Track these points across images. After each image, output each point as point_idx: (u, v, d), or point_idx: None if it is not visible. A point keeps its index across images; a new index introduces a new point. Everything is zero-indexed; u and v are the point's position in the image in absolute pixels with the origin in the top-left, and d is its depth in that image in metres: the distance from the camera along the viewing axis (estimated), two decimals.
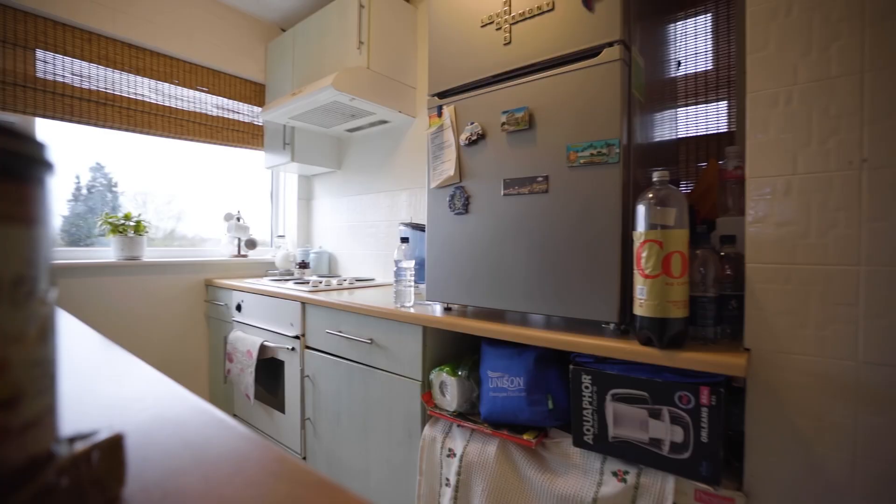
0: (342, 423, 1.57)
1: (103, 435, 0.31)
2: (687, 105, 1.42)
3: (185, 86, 2.22)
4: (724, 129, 1.35)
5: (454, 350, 1.40)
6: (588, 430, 0.98)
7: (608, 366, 0.95)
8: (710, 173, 1.16)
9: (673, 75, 1.38)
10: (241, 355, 1.93)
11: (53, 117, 1.84)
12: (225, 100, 2.39)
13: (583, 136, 1.00)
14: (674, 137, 1.39)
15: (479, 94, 1.21)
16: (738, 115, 1.29)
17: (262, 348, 1.86)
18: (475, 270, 1.22)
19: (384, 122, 2.22)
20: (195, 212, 2.55)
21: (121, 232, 2.01)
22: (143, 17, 2.06)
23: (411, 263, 1.47)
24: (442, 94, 1.31)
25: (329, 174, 2.67)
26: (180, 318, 2.23)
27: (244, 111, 2.49)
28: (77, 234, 2.09)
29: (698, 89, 1.40)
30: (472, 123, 1.21)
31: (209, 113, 2.33)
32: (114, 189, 2.25)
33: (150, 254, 2.18)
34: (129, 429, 0.43)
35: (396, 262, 1.45)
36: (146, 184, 2.34)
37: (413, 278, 1.48)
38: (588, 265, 1.00)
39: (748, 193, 0.83)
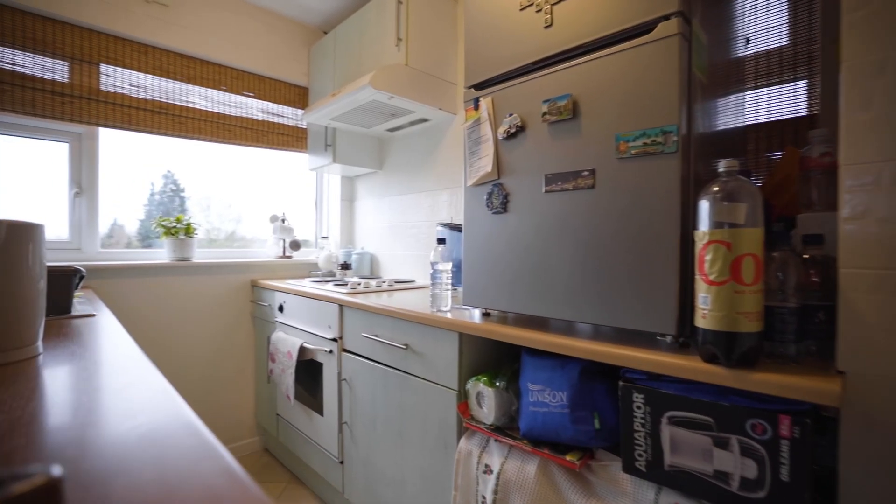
0: (378, 428, 1.53)
1: (37, 480, 0.26)
2: (757, 87, 1.25)
3: (232, 92, 2.29)
4: (802, 112, 1.18)
5: (492, 358, 1.32)
6: (640, 455, 0.86)
7: (664, 384, 0.83)
8: (787, 162, 1.00)
9: (740, 54, 1.22)
10: (282, 356, 1.95)
11: (113, 126, 1.94)
12: (270, 104, 2.44)
13: (634, 124, 0.89)
14: (740, 125, 1.23)
15: (519, 83, 1.12)
16: (822, 93, 1.12)
17: (302, 350, 1.86)
18: (515, 274, 1.14)
19: (424, 120, 2.17)
20: (249, 214, 2.63)
21: (173, 234, 2.09)
22: (196, 28, 2.14)
23: (448, 266, 1.40)
24: (479, 86, 1.24)
25: (371, 175, 2.67)
26: (228, 318, 2.30)
27: (288, 114, 2.53)
28: (150, 236, 2.23)
29: (771, 68, 1.23)
30: (510, 115, 1.12)
31: (255, 117, 2.38)
32: (181, 194, 2.36)
33: (199, 255, 2.27)
34: (109, 452, 0.39)
35: (433, 264, 1.39)
36: (209, 189, 2.46)
37: (450, 281, 1.42)
38: (641, 270, 0.89)
39: (842, 184, 0.69)
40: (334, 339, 1.74)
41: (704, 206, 0.75)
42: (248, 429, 2.38)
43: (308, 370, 1.91)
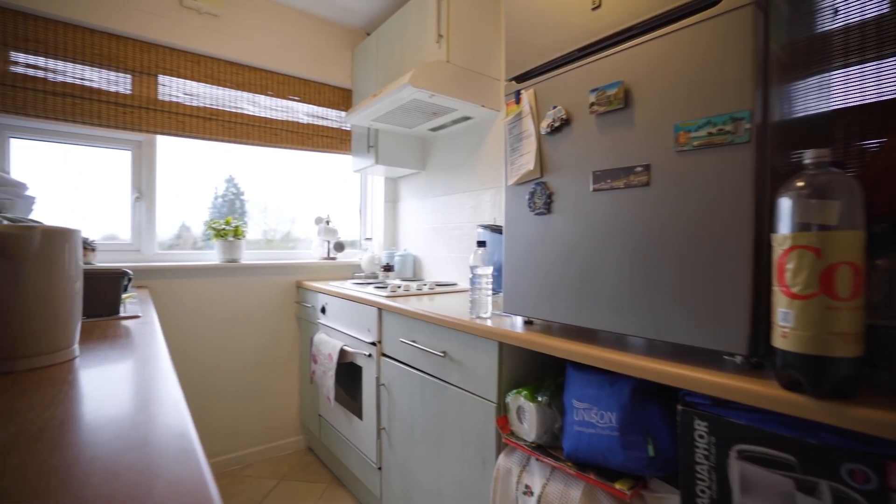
0: (415, 436, 1.49)
1: None
2: (847, 65, 1.08)
3: (278, 96, 2.34)
4: None
5: (535, 370, 1.23)
6: (703, 491, 0.75)
7: (733, 412, 0.72)
8: (890, 151, 0.85)
9: (827, 28, 1.06)
10: (323, 358, 1.96)
11: (169, 133, 2.04)
12: (315, 107, 2.48)
13: (697, 112, 0.78)
14: (824, 110, 1.06)
15: (563, 72, 1.03)
16: None
17: (342, 353, 1.86)
18: (559, 280, 1.05)
19: (467, 118, 2.11)
20: (300, 216, 2.70)
21: (222, 236, 2.16)
22: (244, 36, 2.21)
23: (489, 270, 1.33)
24: (520, 78, 1.16)
25: (414, 175, 2.64)
26: (274, 318, 2.35)
27: (332, 117, 2.56)
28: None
29: (865, 43, 1.05)
30: (554, 108, 1.03)
31: (300, 121, 2.43)
32: (241, 197, 2.47)
33: (248, 256, 2.33)
34: (86, 479, 0.36)
35: (472, 268, 1.32)
36: (266, 192, 2.56)
37: (491, 286, 1.34)
38: (704, 278, 0.77)
39: None
40: (373, 343, 1.71)
41: (786, 205, 0.63)
42: (293, 428, 2.43)
43: (349, 373, 1.90)
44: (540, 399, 1.09)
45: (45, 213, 1.85)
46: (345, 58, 2.58)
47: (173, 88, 2.04)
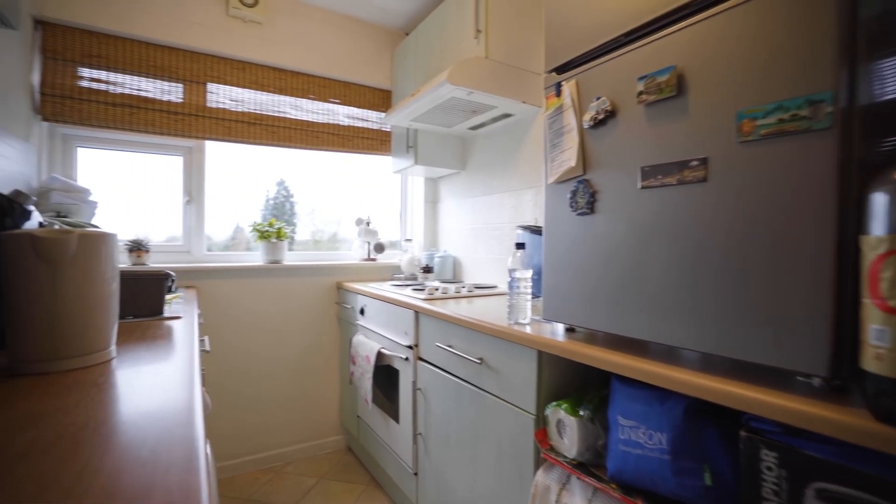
0: (451, 444, 1.44)
1: None
2: None
3: (319, 99, 2.37)
4: None
5: (576, 381, 1.15)
6: None
7: (809, 443, 0.62)
8: None
9: None
10: (361, 360, 1.95)
11: (216, 139, 2.12)
12: (355, 109, 2.50)
13: (765, 96, 0.68)
14: None
15: (608, 59, 0.95)
16: None
17: (380, 355, 1.84)
18: (604, 286, 0.97)
19: (507, 115, 2.04)
20: (343, 217, 2.74)
21: (266, 238, 2.22)
22: (286, 41, 2.26)
23: (528, 273, 1.26)
24: (561, 69, 1.08)
25: (453, 175, 2.60)
26: (315, 318, 2.38)
27: (373, 118, 2.57)
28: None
29: None
30: (597, 99, 0.95)
31: (341, 123, 2.45)
32: (291, 199, 2.54)
33: (290, 258, 2.38)
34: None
35: (510, 271, 1.26)
36: (313, 194, 2.64)
37: (531, 290, 1.27)
38: (774, 286, 0.67)
39: None
40: (410, 347, 1.69)
41: (880, 202, 0.53)
42: (333, 427, 2.45)
43: (386, 375, 1.89)
44: (582, 413, 1.01)
45: (105, 217, 1.97)
46: (384, 59, 2.58)
47: (220, 95, 2.12)
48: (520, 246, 1.26)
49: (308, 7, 2.32)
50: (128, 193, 2.10)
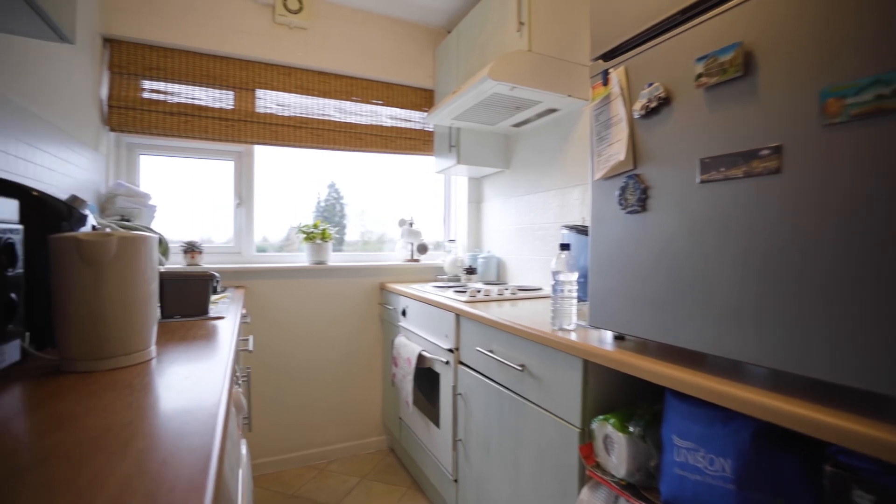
0: (491, 453, 1.38)
1: None
2: None
3: (362, 101, 2.39)
4: None
5: (625, 393, 1.06)
6: None
7: None
8: None
9: None
10: (402, 362, 1.94)
11: (264, 143, 2.19)
12: (398, 110, 2.50)
13: (858, 69, 0.57)
14: None
15: (661, 41, 0.86)
16: None
17: (420, 358, 1.82)
18: (657, 291, 0.88)
19: (553, 110, 1.96)
20: (391, 218, 2.77)
21: (311, 239, 2.26)
22: (329, 45, 2.29)
23: (573, 276, 1.18)
24: (609, 55, 1.00)
25: (497, 174, 2.53)
26: (358, 319, 2.40)
27: (415, 118, 2.56)
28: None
29: None
30: (649, 86, 0.87)
31: (384, 124, 2.46)
32: (341, 201, 2.60)
33: (334, 258, 2.42)
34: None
35: (554, 273, 1.18)
36: (362, 195, 2.69)
37: (576, 294, 1.20)
38: (870, 296, 0.57)
39: None
40: (451, 350, 1.65)
41: None
42: (376, 427, 2.46)
43: (428, 378, 1.86)
44: (632, 430, 0.92)
45: (163, 219, 2.09)
46: (427, 58, 2.57)
47: (268, 101, 2.18)
48: (564, 247, 1.19)
49: (350, 10, 2.35)
50: (184, 197, 2.21)
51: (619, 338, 1.04)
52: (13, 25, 0.84)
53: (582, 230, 1.43)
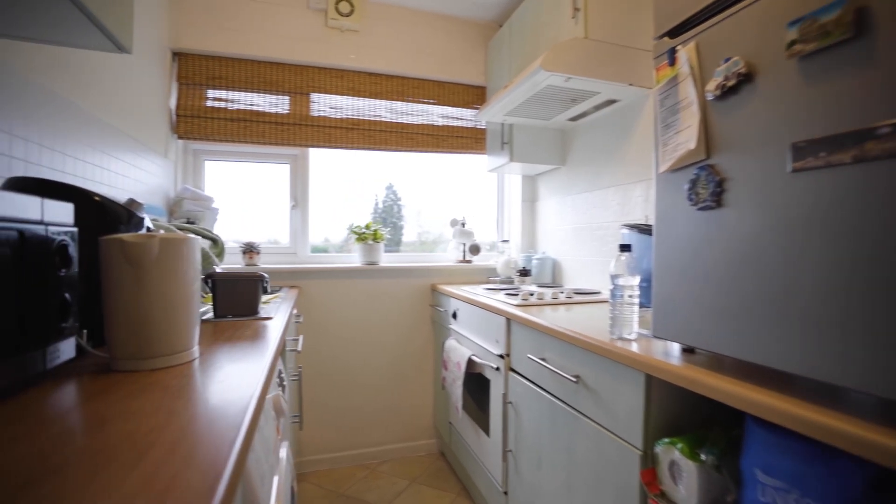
0: (543, 468, 1.30)
1: None
2: None
3: (413, 101, 2.38)
4: None
5: (696, 413, 0.94)
6: None
7: None
8: None
9: None
10: (452, 365, 1.89)
11: (318, 146, 2.23)
12: (449, 108, 2.46)
13: None
14: None
15: (740, 8, 0.74)
16: None
17: (470, 362, 1.76)
18: (733, 299, 0.76)
19: (612, 101, 1.82)
20: (446, 218, 2.75)
21: (363, 240, 2.28)
22: (380, 46, 2.30)
23: (635, 281, 1.07)
24: (676, 31, 0.88)
25: (552, 172, 2.42)
26: (409, 320, 2.39)
27: (467, 116, 2.50)
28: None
29: None
30: (726, 61, 0.75)
31: (435, 123, 2.43)
32: (398, 203, 2.63)
33: (386, 259, 2.42)
34: None
35: (613, 277, 1.08)
36: (419, 196, 2.71)
37: (638, 300, 1.08)
38: None
39: None
40: (501, 356, 1.57)
41: None
42: (427, 430, 2.44)
43: (478, 383, 1.80)
44: (703, 458, 0.80)
45: (225, 222, 2.19)
46: (478, 54, 2.51)
47: (321, 104, 2.23)
48: (625, 248, 1.08)
49: (400, 9, 2.34)
50: (244, 200, 2.31)
51: (687, 350, 0.92)
52: (77, 39, 0.89)
53: (645, 230, 1.30)
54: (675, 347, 0.96)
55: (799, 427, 0.61)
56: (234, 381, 0.67)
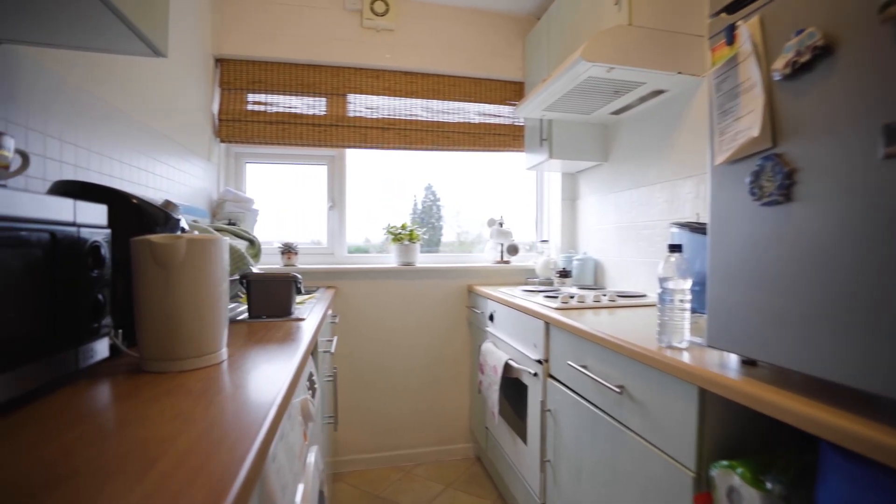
0: (583, 483, 1.22)
1: None
2: None
3: (449, 99, 2.34)
4: None
5: (757, 434, 0.84)
6: None
7: None
8: None
9: None
10: (489, 369, 1.84)
11: (353, 146, 2.24)
12: (486, 105, 2.41)
13: None
14: None
15: None
16: None
17: (507, 367, 1.70)
18: (804, 306, 0.66)
19: (659, 92, 1.71)
20: (485, 218, 2.71)
21: (399, 240, 2.26)
22: (416, 45, 2.28)
23: (686, 284, 0.98)
24: (734, 6, 0.79)
25: (594, 168, 2.31)
26: (446, 322, 2.35)
27: (504, 113, 2.44)
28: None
29: None
30: (798, 34, 0.66)
31: (472, 121, 2.38)
32: (437, 203, 2.63)
33: (422, 259, 2.39)
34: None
35: (662, 280, 0.99)
36: (458, 196, 2.70)
37: (689, 305, 0.99)
38: None
39: None
40: (539, 362, 1.50)
41: None
42: (463, 434, 2.39)
43: (515, 388, 1.73)
44: (769, 486, 0.71)
45: (265, 222, 2.23)
46: (516, 49, 2.43)
47: (357, 104, 2.23)
48: (675, 248, 0.99)
49: (435, 6, 2.31)
50: (283, 201, 2.36)
51: (748, 363, 0.83)
52: (115, 45, 0.90)
53: (697, 228, 1.19)
54: (733, 359, 0.86)
55: (889, 459, 0.51)
56: (258, 386, 0.65)
